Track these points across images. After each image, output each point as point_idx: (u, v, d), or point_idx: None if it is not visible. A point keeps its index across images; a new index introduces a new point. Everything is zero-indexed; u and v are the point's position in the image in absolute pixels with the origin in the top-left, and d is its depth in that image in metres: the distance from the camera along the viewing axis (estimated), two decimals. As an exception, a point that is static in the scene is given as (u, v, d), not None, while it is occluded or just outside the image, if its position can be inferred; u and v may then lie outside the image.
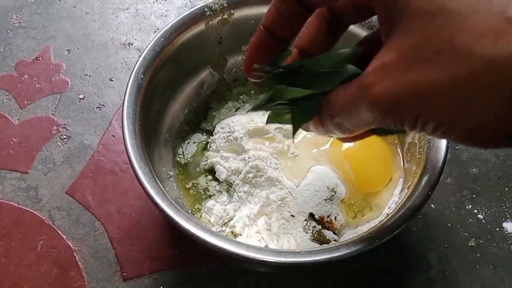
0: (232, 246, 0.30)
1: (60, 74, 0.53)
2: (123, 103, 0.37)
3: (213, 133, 0.45)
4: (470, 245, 0.41)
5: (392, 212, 0.34)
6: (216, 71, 0.47)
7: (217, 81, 0.48)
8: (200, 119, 0.47)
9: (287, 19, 0.24)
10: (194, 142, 0.45)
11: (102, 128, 0.48)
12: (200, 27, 0.43)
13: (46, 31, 0.56)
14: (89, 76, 0.52)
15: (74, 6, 0.59)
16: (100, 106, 0.50)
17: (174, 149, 0.44)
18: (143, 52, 0.39)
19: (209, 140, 0.45)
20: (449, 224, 0.42)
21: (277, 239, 0.38)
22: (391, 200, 0.40)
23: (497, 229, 0.42)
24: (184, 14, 0.42)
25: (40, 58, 0.54)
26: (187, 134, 0.46)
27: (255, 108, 0.27)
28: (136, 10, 0.58)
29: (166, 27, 0.41)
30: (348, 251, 0.30)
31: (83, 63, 0.53)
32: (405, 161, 0.41)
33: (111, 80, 0.52)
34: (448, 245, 0.41)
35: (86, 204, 0.44)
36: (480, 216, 0.43)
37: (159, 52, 0.40)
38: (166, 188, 0.36)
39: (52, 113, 0.50)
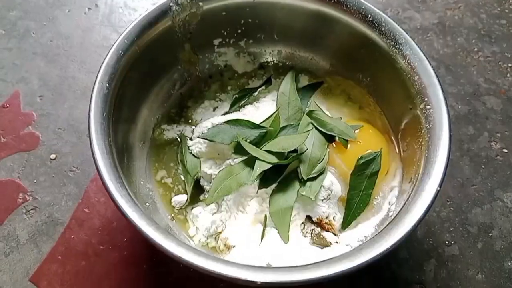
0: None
1: (30, 127, 0.45)
2: (89, 119, 0.32)
3: (191, 137, 0.41)
4: None
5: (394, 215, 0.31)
6: (188, 68, 0.43)
7: (191, 79, 0.44)
8: (175, 122, 0.43)
9: None
10: (169, 150, 0.41)
11: (75, 198, 0.41)
12: (167, 23, 0.38)
13: (16, 71, 0.49)
14: (63, 131, 0.45)
15: (51, 41, 0.51)
16: (74, 169, 0.43)
17: (149, 161, 0.40)
18: (105, 58, 0.34)
19: (188, 145, 0.40)
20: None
21: (276, 247, 0.35)
22: (391, 194, 0.37)
23: None
24: (148, 12, 0.37)
25: (8, 106, 0.47)
26: (163, 141, 0.42)
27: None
28: (121, 48, 0.51)
29: (129, 27, 0.36)
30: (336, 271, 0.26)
31: (57, 113, 0.46)
32: (401, 151, 0.38)
33: (88, 136, 0.45)
34: None
35: (52, 296, 0.37)
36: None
37: (123, 55, 0.35)
38: (147, 204, 0.34)
39: (18, 177, 0.42)
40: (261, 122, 0.38)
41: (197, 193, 0.39)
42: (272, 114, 0.38)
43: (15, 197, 0.41)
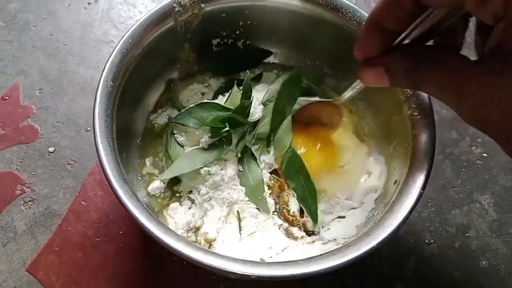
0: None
1: (29, 120, 0.46)
2: (93, 117, 0.33)
3: (174, 126, 0.42)
4: None
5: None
6: (186, 67, 0.45)
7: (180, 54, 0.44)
8: (162, 106, 0.44)
9: (399, 16, 0.25)
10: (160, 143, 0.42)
11: (72, 191, 0.43)
12: (170, 24, 0.40)
13: (16, 64, 0.50)
14: (62, 124, 0.46)
15: (51, 35, 0.52)
16: (72, 162, 0.44)
17: (142, 155, 0.41)
18: (110, 57, 0.35)
19: (174, 132, 0.42)
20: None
21: (254, 239, 0.37)
22: (375, 194, 0.39)
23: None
24: (152, 12, 0.38)
25: (7, 98, 0.47)
26: (154, 133, 0.43)
27: None
28: (120, 45, 0.52)
29: (134, 27, 0.37)
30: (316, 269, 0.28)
31: (56, 107, 0.47)
32: (387, 154, 0.40)
33: (87, 130, 0.46)
34: None
35: (49, 286, 0.38)
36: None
37: (127, 54, 0.36)
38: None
39: (17, 168, 0.43)
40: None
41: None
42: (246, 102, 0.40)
43: (13, 189, 0.42)
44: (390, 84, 0.27)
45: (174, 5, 0.39)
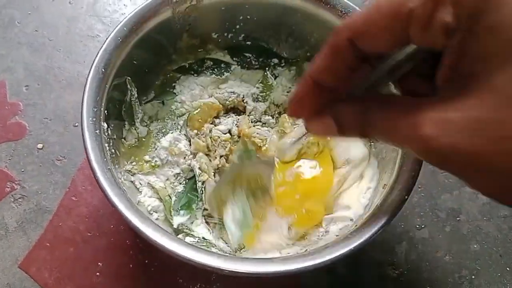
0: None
1: (17, 117, 0.46)
2: (82, 109, 0.33)
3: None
4: None
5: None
6: (185, 57, 0.44)
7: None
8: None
9: (339, 71, 0.24)
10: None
11: (62, 187, 0.42)
12: (167, 14, 0.39)
13: (2, 61, 0.49)
14: (50, 120, 0.46)
15: (36, 31, 0.51)
16: (61, 158, 0.44)
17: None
18: (103, 44, 0.35)
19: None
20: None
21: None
22: (367, 193, 0.37)
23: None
24: (148, 1, 0.37)
25: (-6, 95, 0.47)
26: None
27: None
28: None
29: (130, 15, 0.36)
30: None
31: (43, 103, 0.47)
32: (379, 159, 0.39)
33: (75, 126, 0.46)
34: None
35: (42, 281, 0.38)
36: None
37: (121, 43, 0.36)
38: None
39: (6, 166, 0.43)
40: None
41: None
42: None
43: (3, 186, 0.42)
44: (339, 135, 0.24)
45: None
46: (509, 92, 0.17)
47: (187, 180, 0.40)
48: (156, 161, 0.40)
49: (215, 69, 0.45)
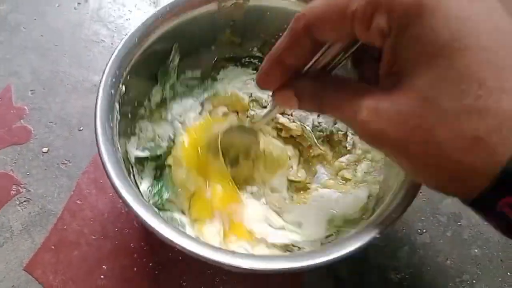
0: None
1: (22, 121, 0.46)
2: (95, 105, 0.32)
3: None
4: None
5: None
6: (223, 50, 0.44)
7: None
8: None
9: (298, 53, 0.26)
10: None
11: (67, 190, 0.43)
12: (212, 7, 0.39)
13: (8, 65, 0.50)
14: (55, 124, 0.46)
15: (41, 36, 0.52)
16: (66, 162, 0.44)
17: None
18: (122, 40, 0.36)
19: None
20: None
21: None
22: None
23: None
24: None
25: (0, 99, 0.48)
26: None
27: None
28: (112, 44, 0.52)
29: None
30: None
31: (48, 107, 0.47)
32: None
33: (79, 130, 0.46)
34: None
35: (47, 284, 0.39)
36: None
37: (166, 19, 0.36)
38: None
39: (11, 169, 0.44)
40: None
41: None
42: None
43: (8, 189, 0.43)
44: (298, 107, 0.28)
45: None
46: (424, 93, 0.21)
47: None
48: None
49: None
